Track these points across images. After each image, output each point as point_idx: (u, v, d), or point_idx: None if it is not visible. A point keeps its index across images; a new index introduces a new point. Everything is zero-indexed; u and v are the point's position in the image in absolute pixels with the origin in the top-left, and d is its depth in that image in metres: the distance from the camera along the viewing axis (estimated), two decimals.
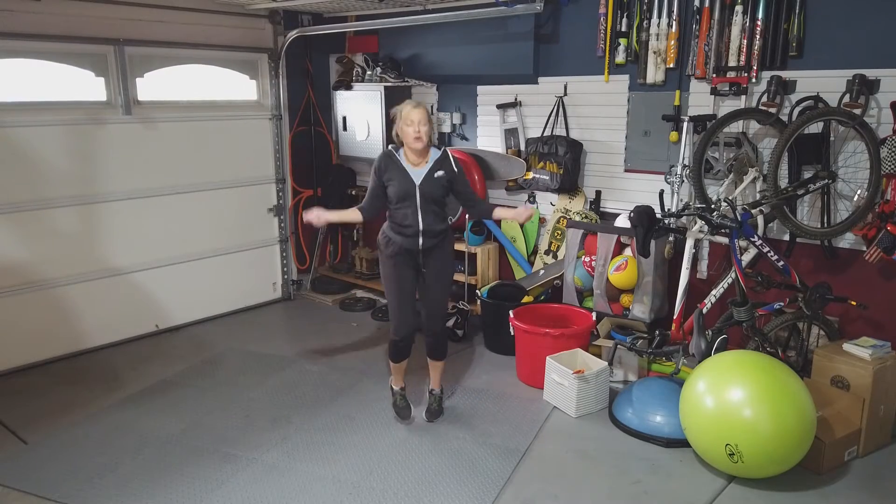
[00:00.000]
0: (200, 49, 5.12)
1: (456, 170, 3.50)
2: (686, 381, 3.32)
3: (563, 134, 4.73)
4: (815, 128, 3.66)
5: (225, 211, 5.45)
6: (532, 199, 5.08)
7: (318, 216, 3.51)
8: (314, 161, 6.04)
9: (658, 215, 3.71)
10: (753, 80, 3.86)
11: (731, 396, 3.02)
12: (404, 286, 3.54)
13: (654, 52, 4.20)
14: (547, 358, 3.94)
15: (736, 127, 3.94)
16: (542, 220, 5.05)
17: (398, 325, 3.60)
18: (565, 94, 4.71)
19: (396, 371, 3.77)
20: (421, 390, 4.02)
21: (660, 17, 4.16)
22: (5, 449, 3.51)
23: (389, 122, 3.72)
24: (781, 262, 3.66)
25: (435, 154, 3.49)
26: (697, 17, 4.00)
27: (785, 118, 3.80)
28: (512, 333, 4.30)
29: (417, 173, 3.44)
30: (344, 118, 5.73)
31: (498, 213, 3.60)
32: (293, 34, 5.47)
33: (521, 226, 5.11)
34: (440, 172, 3.45)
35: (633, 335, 3.98)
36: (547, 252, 5.00)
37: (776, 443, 2.94)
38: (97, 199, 4.68)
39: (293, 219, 5.94)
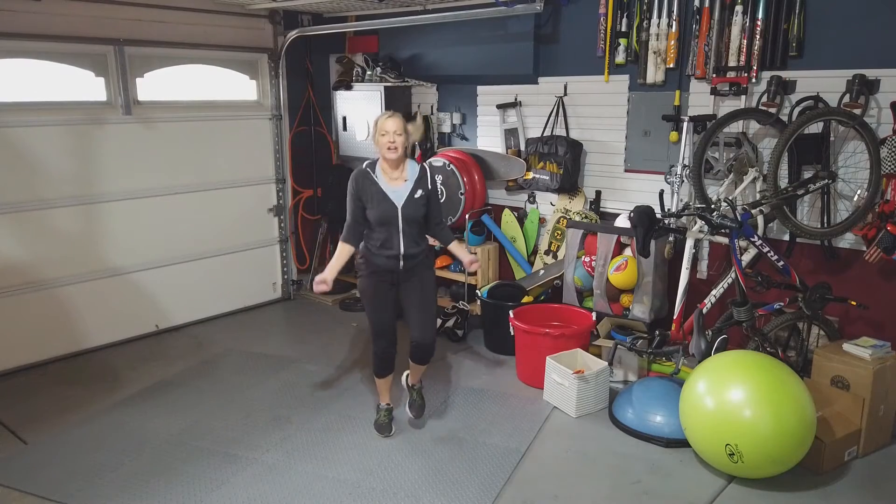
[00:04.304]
0: (200, 49, 5.12)
1: (431, 187, 3.43)
2: (686, 381, 3.32)
3: (563, 134, 4.72)
4: (815, 128, 3.65)
5: (225, 211, 5.45)
6: (532, 199, 5.08)
7: (325, 278, 3.33)
8: (314, 161, 6.04)
9: (658, 215, 3.71)
10: (753, 80, 3.86)
11: (731, 396, 3.02)
12: (383, 299, 3.45)
13: (654, 52, 4.20)
14: (547, 358, 3.94)
15: (736, 127, 3.94)
16: (542, 221, 5.05)
17: (378, 336, 3.50)
18: (565, 94, 4.71)
19: (382, 387, 3.64)
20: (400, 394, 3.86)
21: (660, 17, 4.16)
22: (5, 449, 3.51)
23: None
24: (781, 262, 3.66)
25: (413, 170, 3.40)
26: (697, 17, 4.00)
27: (785, 118, 3.80)
28: (512, 333, 4.30)
29: (398, 194, 3.33)
30: (344, 118, 5.73)
31: (453, 246, 3.60)
32: (293, 34, 5.47)
33: (521, 226, 5.12)
34: (420, 192, 3.38)
35: (633, 335, 3.98)
36: (547, 252, 5.00)
37: (776, 443, 2.94)
38: (97, 199, 4.68)
39: (293, 219, 5.94)
